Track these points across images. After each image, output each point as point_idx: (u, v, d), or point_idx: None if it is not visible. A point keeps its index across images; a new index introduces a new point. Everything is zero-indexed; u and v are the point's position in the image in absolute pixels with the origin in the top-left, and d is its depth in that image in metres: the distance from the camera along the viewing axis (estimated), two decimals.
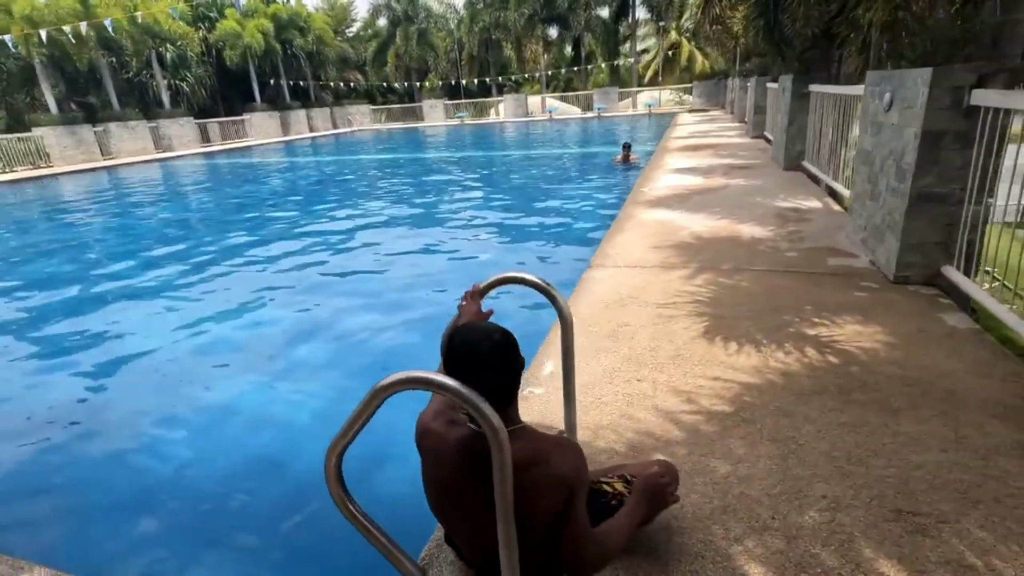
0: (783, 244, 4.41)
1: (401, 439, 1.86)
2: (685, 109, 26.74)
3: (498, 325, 1.32)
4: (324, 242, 7.62)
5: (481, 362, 1.22)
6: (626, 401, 2.36)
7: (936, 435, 2.01)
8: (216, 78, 27.71)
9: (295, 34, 27.90)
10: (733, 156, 9.64)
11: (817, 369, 2.50)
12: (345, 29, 40.54)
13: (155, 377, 4.03)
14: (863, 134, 4.24)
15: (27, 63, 18.83)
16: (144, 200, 13.19)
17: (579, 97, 31.58)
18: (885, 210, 3.65)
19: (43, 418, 3.55)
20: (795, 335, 2.84)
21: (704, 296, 3.45)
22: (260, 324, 4.86)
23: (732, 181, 7.27)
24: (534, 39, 31.69)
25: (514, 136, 23.69)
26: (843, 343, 2.73)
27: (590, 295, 3.61)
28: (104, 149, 20.07)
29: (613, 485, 1.53)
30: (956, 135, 3.10)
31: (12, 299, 6.03)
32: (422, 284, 5.49)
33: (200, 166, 19.38)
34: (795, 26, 6.40)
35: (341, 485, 1.36)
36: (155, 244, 8.35)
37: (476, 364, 1.22)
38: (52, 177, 17.33)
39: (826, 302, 3.23)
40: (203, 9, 25.91)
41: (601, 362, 2.71)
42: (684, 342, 2.85)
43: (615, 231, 5.21)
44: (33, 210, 12.62)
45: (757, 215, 5.39)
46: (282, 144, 25.83)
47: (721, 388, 2.40)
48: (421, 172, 14.73)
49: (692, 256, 4.26)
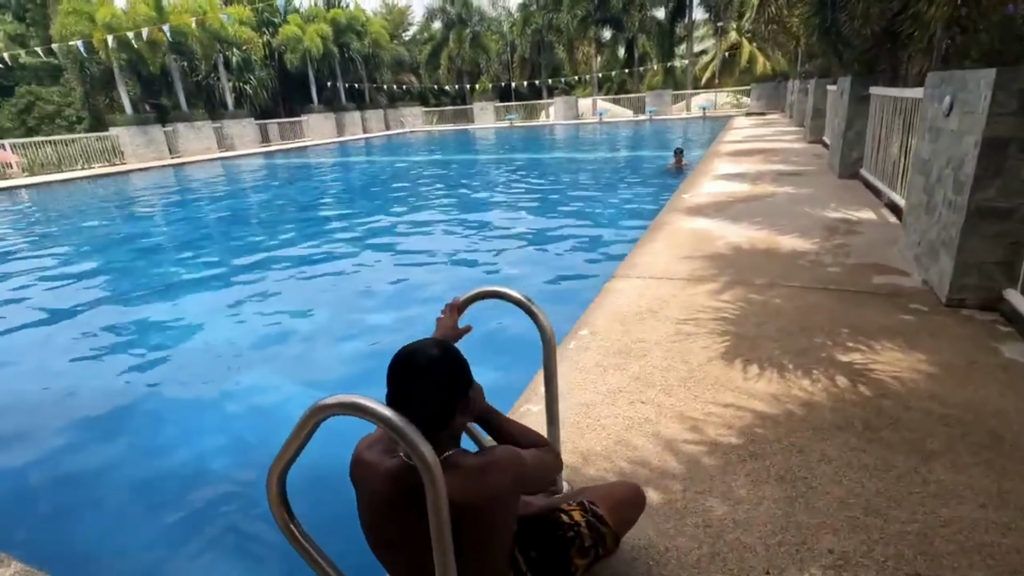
0: (826, 258, 4.10)
1: None
2: (742, 112, 25.76)
3: (444, 342, 1.22)
4: (360, 240, 7.73)
5: (414, 383, 1.13)
6: (626, 425, 2.21)
7: (975, 487, 1.76)
8: (278, 80, 28.90)
9: (352, 38, 28.72)
10: (785, 162, 9.15)
11: (844, 401, 2.27)
12: (402, 33, 41.49)
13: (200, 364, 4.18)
14: (920, 140, 3.88)
15: (107, 67, 20.18)
16: (202, 196, 13.87)
17: (631, 100, 31.02)
18: (940, 225, 3.31)
19: (101, 393, 3.73)
20: (824, 360, 2.60)
21: (729, 313, 3.22)
22: (296, 320, 4.95)
23: (780, 189, 6.88)
24: (586, 41, 31.33)
25: (562, 139, 23.50)
26: (878, 372, 2.47)
27: (609, 307, 3.45)
28: (172, 148, 21.27)
29: (572, 515, 1.40)
30: (1023, 143, 2.76)
31: (81, 281, 6.41)
32: (450, 286, 5.46)
33: (258, 165, 20.23)
34: (853, 25, 5.97)
35: (285, 507, 1.30)
36: (207, 237, 8.72)
37: (409, 386, 1.13)
38: (125, 174, 18.50)
39: (865, 324, 2.95)
40: (267, 15, 27.06)
41: (607, 380, 2.56)
42: (699, 363, 2.66)
43: (646, 240, 5.00)
44: (107, 203, 13.48)
45: (802, 226, 5.05)
46: (336, 144, 26.64)
47: (732, 416, 2.21)
48: (463, 174, 14.81)
49: (723, 269, 4.01)
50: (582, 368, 2.70)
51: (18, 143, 17.97)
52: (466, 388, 1.23)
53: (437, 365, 1.16)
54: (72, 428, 3.47)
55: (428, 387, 1.14)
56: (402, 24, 41.63)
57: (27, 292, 6.34)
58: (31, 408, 3.74)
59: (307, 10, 28.99)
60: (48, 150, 18.07)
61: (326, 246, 7.68)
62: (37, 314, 5.59)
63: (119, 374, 4.11)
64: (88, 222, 10.81)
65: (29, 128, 27.92)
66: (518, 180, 12.99)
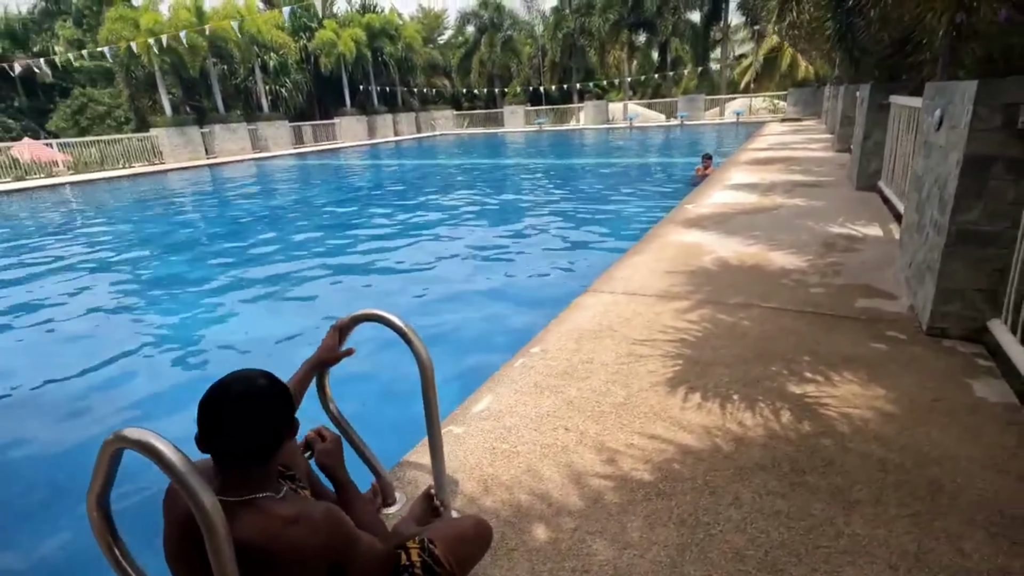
0: (813, 278, 3.88)
1: None
2: (777, 118, 25.00)
3: (263, 371, 1.16)
4: (379, 238, 7.81)
5: (230, 414, 1.08)
6: (540, 453, 2.11)
7: (891, 544, 1.60)
8: (313, 83, 29.61)
9: (386, 42, 29.21)
10: (806, 172, 8.79)
11: (778, 438, 2.11)
12: (437, 36, 41.99)
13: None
14: (916, 155, 3.64)
15: (151, 71, 21.07)
16: (232, 194, 14.31)
17: (663, 104, 30.51)
18: (928, 247, 3.08)
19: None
20: (773, 391, 2.44)
21: (690, 334, 3.07)
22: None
23: (789, 200, 6.60)
24: (618, 45, 30.98)
25: (589, 144, 23.30)
26: (827, 407, 2.30)
27: (569, 324, 3.34)
28: (208, 148, 22.03)
29: (411, 553, 1.33)
30: (1009, 163, 2.54)
31: (112, 272, 6.67)
32: (460, 294, 5.45)
33: (290, 165, 20.78)
34: (870, 30, 5.66)
35: (109, 531, 1.27)
36: (234, 233, 8.97)
37: (223, 417, 1.08)
38: (163, 173, 19.26)
39: (831, 352, 2.76)
40: (304, 20, 27.78)
41: (540, 404, 2.47)
42: (640, 388, 2.54)
43: (633, 252, 4.85)
44: (144, 199, 14.05)
45: (799, 241, 4.81)
46: (367, 147, 27.13)
47: (653, 449, 2.09)
48: (482, 178, 14.82)
49: (701, 286, 3.85)
50: (519, 389, 2.61)
51: (65, 143, 18.94)
52: (289, 421, 1.17)
53: (255, 394, 1.10)
54: (121, 411, 3.66)
55: (245, 418, 1.09)
56: (437, 28, 42.14)
57: (69, 281, 6.70)
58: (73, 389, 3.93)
59: (343, 15, 29.63)
60: (92, 150, 18.96)
61: (348, 243, 7.90)
62: (67, 306, 5.83)
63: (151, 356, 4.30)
64: (125, 217, 11.30)
65: (81, 128, 29.40)
66: (535, 185, 12.92)
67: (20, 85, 33.23)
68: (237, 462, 1.11)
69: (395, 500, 1.91)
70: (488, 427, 2.31)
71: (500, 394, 2.58)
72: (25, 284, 6.79)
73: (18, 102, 33.18)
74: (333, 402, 1.84)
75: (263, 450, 1.13)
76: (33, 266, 7.61)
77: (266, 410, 1.13)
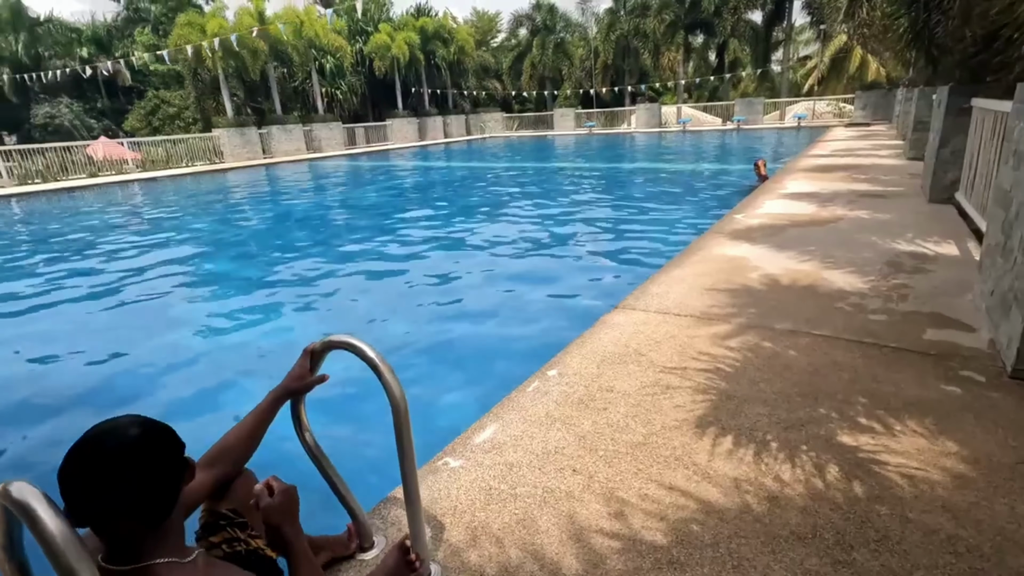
0: (873, 302, 3.46)
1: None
2: (843, 123, 23.63)
3: (132, 419, 0.98)
4: (410, 243, 7.76)
5: (84, 479, 0.91)
6: (541, 499, 1.88)
7: None
8: (367, 86, 30.31)
9: (438, 45, 29.54)
10: (872, 181, 8.12)
11: (822, 499, 1.79)
12: (490, 40, 42.23)
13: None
14: (1004, 165, 3.17)
15: (215, 74, 22.08)
16: (284, 193, 14.72)
17: (719, 108, 29.46)
18: (1015, 273, 2.65)
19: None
20: (819, 440, 2.10)
21: (727, 363, 2.75)
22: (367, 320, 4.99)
23: (851, 212, 6.06)
24: (673, 46, 30.14)
25: (640, 147, 22.73)
26: (886, 464, 1.95)
27: (592, 345, 3.08)
28: (265, 148, 22.87)
29: None
30: None
31: (168, 265, 6.91)
32: (488, 303, 5.29)
33: (341, 166, 21.28)
34: (949, 26, 5.09)
35: None
36: (280, 231, 9.16)
37: (77, 484, 0.91)
38: (222, 171, 20.10)
39: (892, 394, 2.39)
40: (361, 24, 28.46)
41: (548, 437, 2.23)
42: (662, 426, 2.25)
43: (672, 266, 4.52)
44: (205, 196, 14.67)
45: (860, 259, 4.35)
46: (417, 148, 27.49)
47: (671, 503, 1.81)
48: (530, 182, 14.63)
49: (744, 307, 3.50)
50: (528, 418, 2.38)
51: (134, 142, 20.07)
52: (180, 473, 1.00)
53: (113, 455, 0.93)
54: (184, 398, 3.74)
55: (98, 484, 0.91)
56: (491, 31, 42.38)
57: (131, 268, 6.99)
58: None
59: (398, 19, 30.18)
60: (159, 149, 20.00)
61: (392, 244, 7.95)
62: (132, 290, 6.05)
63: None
64: (185, 211, 11.84)
65: (153, 128, 31.21)
66: (578, 190, 12.61)
67: (103, 87, 35.66)
68: (117, 526, 0.94)
69: (373, 544, 1.73)
70: (488, 462, 2.10)
71: (507, 422, 2.36)
72: (86, 275, 7.09)
73: (100, 103, 35.60)
74: (309, 432, 1.67)
75: (146, 510, 0.95)
76: (95, 257, 7.96)
77: (139, 465, 0.94)
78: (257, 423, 1.50)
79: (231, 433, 1.48)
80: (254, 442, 1.50)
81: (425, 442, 2.69)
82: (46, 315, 5.68)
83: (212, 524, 1.39)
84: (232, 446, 1.44)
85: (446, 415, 3.36)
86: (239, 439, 1.46)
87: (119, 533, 0.94)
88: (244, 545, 1.39)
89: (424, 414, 3.37)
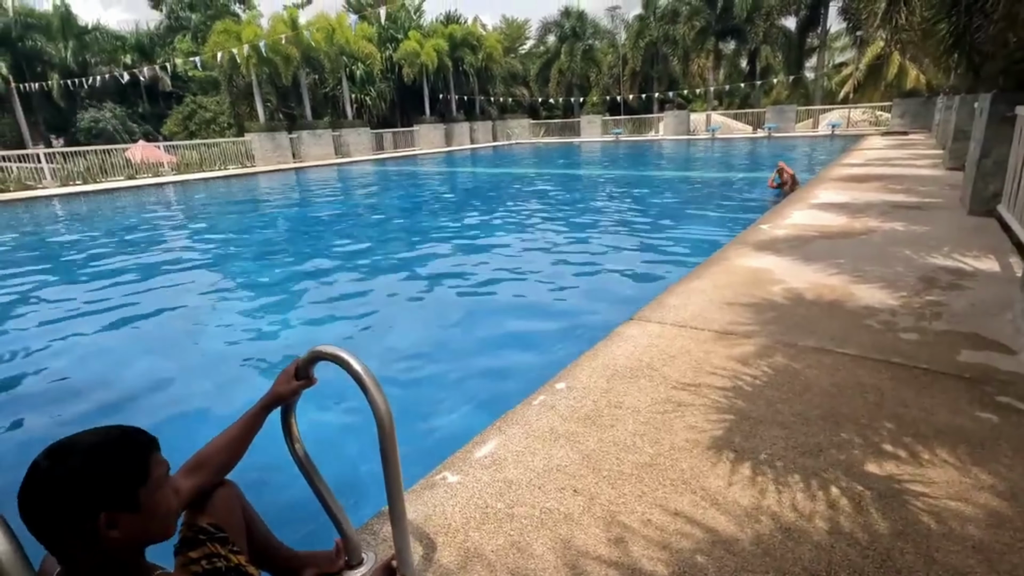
0: (905, 320, 3.28)
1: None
2: (879, 131, 22.93)
3: (72, 443, 0.93)
4: (428, 241, 7.76)
5: (28, 495, 0.88)
6: (539, 520, 1.80)
7: None
8: (396, 92, 30.72)
9: (467, 52, 29.76)
10: (908, 192, 7.81)
11: (839, 533, 1.67)
12: (519, 47, 42.40)
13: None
14: None
15: (249, 80, 22.65)
16: (312, 196, 14.97)
17: (750, 115, 28.94)
18: None
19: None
20: (840, 467, 1.97)
21: (744, 381, 2.63)
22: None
23: (884, 224, 5.81)
24: (703, 53, 29.76)
25: (668, 155, 22.47)
26: (912, 496, 1.81)
27: (603, 358, 2.98)
28: (295, 153, 23.34)
29: None
30: None
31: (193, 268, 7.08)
32: (504, 310, 5.24)
33: (368, 171, 21.57)
34: (991, 31, 4.85)
35: None
36: (305, 233, 9.30)
37: (21, 501, 0.88)
38: (253, 175, 20.57)
39: (922, 420, 2.24)
40: (391, 31, 28.88)
41: (551, 454, 2.15)
42: (671, 446, 2.15)
43: (692, 277, 4.39)
44: (235, 199, 15.03)
45: (892, 274, 4.15)
46: (443, 154, 27.69)
47: (674, 531, 1.71)
48: (553, 188, 14.57)
49: (765, 322, 3.35)
50: (532, 432, 2.30)
51: (170, 145, 20.69)
52: (95, 507, 0.91)
53: (47, 477, 0.90)
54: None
55: (43, 504, 0.88)
56: (519, 38, 42.54)
57: (168, 267, 7.18)
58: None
59: (428, 26, 30.54)
60: (193, 152, 20.58)
61: (409, 247, 7.97)
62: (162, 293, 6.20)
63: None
64: (216, 212, 12.12)
65: (190, 132, 32.17)
66: (601, 197, 12.49)
67: (144, 93, 36.98)
68: (64, 547, 0.90)
69: (362, 561, 1.67)
70: (487, 478, 2.03)
71: (510, 437, 2.29)
72: (115, 274, 7.28)
73: (142, 108, 36.94)
74: (300, 443, 1.63)
75: (69, 540, 0.91)
76: (128, 255, 8.19)
77: (79, 490, 0.90)
78: (243, 431, 1.46)
79: (214, 440, 1.45)
80: (238, 451, 1.47)
81: (427, 451, 2.65)
82: (66, 314, 5.83)
83: (191, 539, 1.35)
84: (214, 454, 1.41)
85: (454, 424, 3.30)
86: (222, 447, 1.43)
87: (68, 553, 0.90)
88: (225, 561, 1.35)
89: (430, 422, 3.32)
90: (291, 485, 1.62)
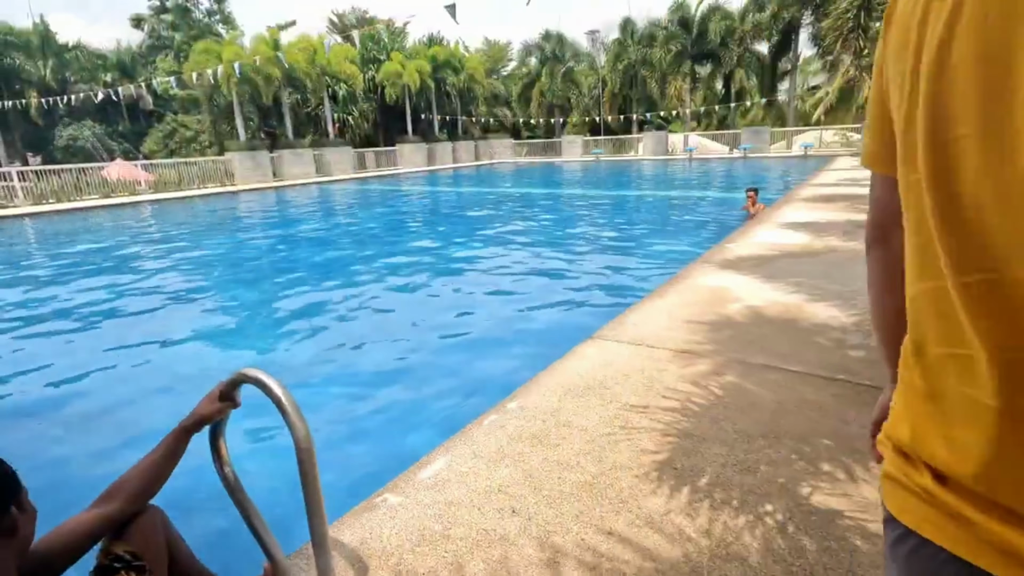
0: (854, 337, 3.36)
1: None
2: (851, 152, 23.59)
3: None
4: (412, 265, 7.76)
5: None
6: (474, 541, 1.80)
7: None
8: (378, 112, 30.92)
9: (449, 73, 30.14)
10: None
11: (771, 552, 1.69)
12: (501, 68, 43.05)
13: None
14: None
15: (230, 100, 22.67)
16: (291, 216, 14.91)
17: (726, 136, 29.62)
18: None
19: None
20: (774, 485, 2.01)
21: (692, 399, 2.67)
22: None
23: (846, 244, 5.97)
24: (680, 76, 30.49)
25: (646, 175, 22.83)
26: (843, 516, 1.85)
27: (558, 376, 3.01)
28: (276, 172, 23.28)
29: None
30: None
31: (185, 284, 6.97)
32: (473, 329, 5.23)
33: (348, 190, 21.56)
34: None
35: None
36: (283, 252, 9.23)
37: None
38: (233, 193, 20.45)
39: (860, 436, 2.29)
40: (374, 52, 29.18)
41: (494, 474, 2.15)
42: (613, 465, 2.17)
43: (655, 295, 4.46)
44: (210, 218, 14.90)
45: (848, 292, 4.26)
46: (425, 173, 27.82)
47: (605, 553, 1.72)
48: (531, 207, 14.70)
49: (721, 340, 3.41)
50: (479, 452, 2.31)
51: (148, 164, 20.52)
52: None
53: None
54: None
55: None
56: (501, 60, 43.22)
57: (142, 287, 7.01)
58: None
59: (411, 47, 30.92)
60: (172, 171, 20.42)
61: (382, 266, 7.84)
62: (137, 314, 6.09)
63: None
64: (189, 232, 11.97)
65: (171, 151, 32.01)
66: (577, 216, 12.64)
67: (125, 111, 36.73)
68: None
69: None
70: (428, 500, 2.02)
71: (456, 457, 2.29)
72: (93, 291, 7.15)
73: (122, 126, 36.66)
74: (230, 466, 1.62)
75: None
76: (99, 274, 8.06)
77: None
78: (163, 456, 1.45)
79: (133, 467, 1.43)
80: (160, 476, 1.45)
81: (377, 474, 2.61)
82: (42, 331, 5.72)
83: (106, 567, 1.33)
84: (130, 481, 1.40)
85: (415, 443, 3.28)
86: (140, 473, 1.42)
87: None
88: None
89: (393, 440, 3.31)
90: (224, 509, 1.60)
